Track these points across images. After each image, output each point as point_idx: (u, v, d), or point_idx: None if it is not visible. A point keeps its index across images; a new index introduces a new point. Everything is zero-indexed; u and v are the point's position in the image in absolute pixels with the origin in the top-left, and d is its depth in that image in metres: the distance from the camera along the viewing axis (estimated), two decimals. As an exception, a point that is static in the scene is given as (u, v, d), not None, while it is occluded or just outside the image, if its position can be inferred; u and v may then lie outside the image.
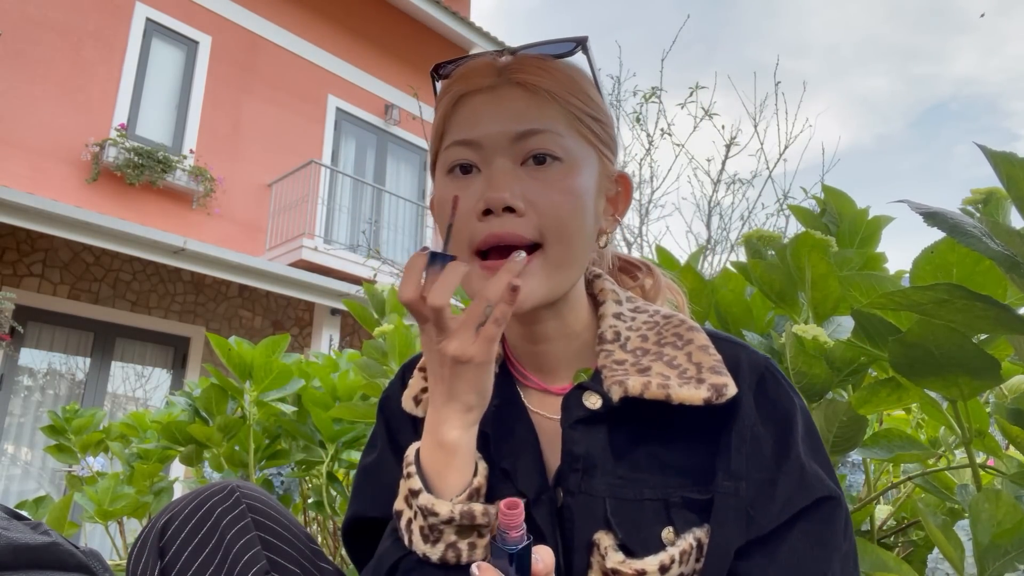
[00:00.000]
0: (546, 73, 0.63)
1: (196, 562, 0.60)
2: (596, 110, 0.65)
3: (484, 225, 0.60)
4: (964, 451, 0.82)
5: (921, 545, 1.06)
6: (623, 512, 0.58)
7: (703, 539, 0.58)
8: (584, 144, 0.64)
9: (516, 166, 0.61)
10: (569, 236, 0.61)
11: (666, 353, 0.62)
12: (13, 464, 5.85)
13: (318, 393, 1.61)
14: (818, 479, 0.58)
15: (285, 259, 6.93)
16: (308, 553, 0.65)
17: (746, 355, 0.63)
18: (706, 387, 0.58)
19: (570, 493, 0.59)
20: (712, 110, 3.97)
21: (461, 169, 0.62)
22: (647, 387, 0.59)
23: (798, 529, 0.57)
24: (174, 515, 0.63)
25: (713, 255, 4.04)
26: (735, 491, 0.58)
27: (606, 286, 0.70)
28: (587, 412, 0.61)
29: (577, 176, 0.62)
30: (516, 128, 0.61)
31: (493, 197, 0.59)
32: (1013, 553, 0.69)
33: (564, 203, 0.60)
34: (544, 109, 0.62)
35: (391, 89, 8.75)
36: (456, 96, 0.64)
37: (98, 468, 2.59)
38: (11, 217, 5.02)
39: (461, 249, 0.61)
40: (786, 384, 0.63)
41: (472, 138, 0.62)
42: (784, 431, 0.60)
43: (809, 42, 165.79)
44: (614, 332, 0.65)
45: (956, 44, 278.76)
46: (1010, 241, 0.59)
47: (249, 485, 0.66)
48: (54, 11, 6.36)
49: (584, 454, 0.60)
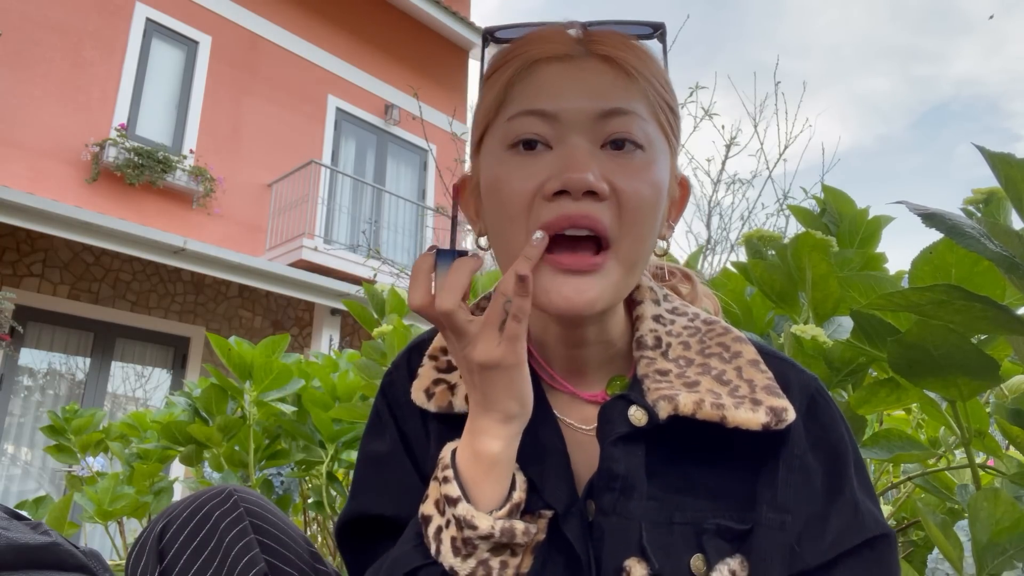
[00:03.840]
0: (632, 51, 0.56)
1: (195, 565, 0.60)
2: (673, 101, 0.59)
3: (555, 206, 0.52)
4: (964, 451, 0.82)
5: (921, 545, 1.06)
6: (658, 539, 0.53)
7: (738, 572, 0.53)
8: (662, 136, 0.57)
9: (595, 148, 0.54)
10: (645, 233, 0.55)
11: (713, 366, 0.57)
12: (13, 464, 5.85)
13: (318, 393, 1.61)
14: (872, 517, 0.54)
15: (285, 259, 6.93)
16: (306, 556, 0.65)
17: (795, 374, 0.58)
18: (764, 410, 0.53)
19: (603, 513, 0.54)
20: (712, 110, 3.97)
21: (525, 144, 0.54)
22: (700, 406, 0.53)
23: (845, 566, 0.53)
24: (172, 518, 0.62)
25: (713, 255, 4.05)
26: (780, 525, 0.53)
27: (643, 283, 0.63)
28: (631, 428, 0.54)
29: (657, 168, 0.55)
30: (601, 106, 0.54)
31: (574, 177, 0.51)
32: (1012, 551, 0.70)
33: (648, 195, 0.54)
34: (630, 89, 0.55)
35: (391, 89, 8.74)
36: (529, 60, 0.56)
37: (98, 468, 2.59)
38: (11, 217, 5.02)
39: (519, 238, 0.54)
40: (835, 409, 0.58)
41: (550, 110, 0.54)
42: (837, 463, 0.56)
43: (811, 42, 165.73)
44: (655, 337, 0.59)
45: (958, 45, 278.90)
46: (1008, 242, 0.60)
47: (246, 489, 0.66)
48: (54, 11, 6.36)
49: (624, 474, 0.54)
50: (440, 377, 0.62)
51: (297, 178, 7.31)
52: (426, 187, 8.86)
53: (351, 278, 6.91)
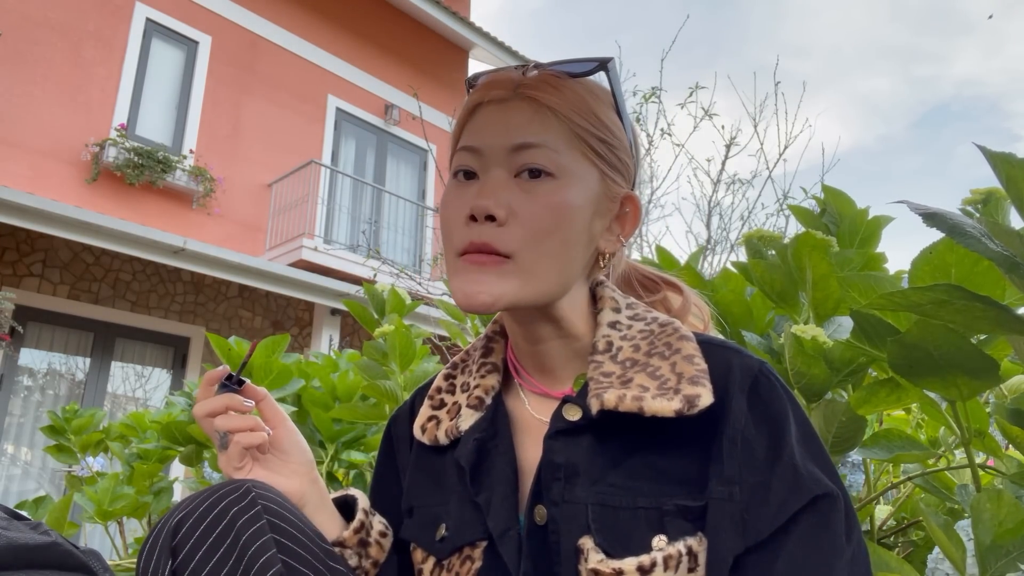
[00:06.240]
0: (555, 90, 0.65)
1: (210, 563, 0.59)
2: (603, 131, 0.67)
3: (468, 231, 0.63)
4: (964, 451, 0.82)
5: (921, 545, 1.06)
6: (607, 518, 0.59)
7: (695, 547, 0.58)
8: (584, 163, 0.65)
9: (510, 177, 0.63)
10: (545, 249, 0.62)
11: (652, 364, 0.64)
12: (13, 464, 5.85)
13: (318, 393, 1.61)
14: (813, 479, 0.57)
15: (285, 259, 6.93)
16: (321, 555, 0.64)
17: (739, 359, 0.63)
18: (680, 398, 0.59)
19: (554, 503, 0.61)
20: (713, 111, 3.98)
21: (464, 175, 0.66)
22: (621, 400, 0.60)
23: (795, 535, 0.56)
24: (188, 513, 0.61)
25: (713, 255, 4.05)
26: (729, 496, 0.58)
27: (605, 293, 0.71)
28: (567, 424, 0.63)
29: (567, 192, 0.63)
30: (513, 141, 0.63)
31: (477, 204, 0.62)
32: (1015, 553, 0.69)
33: (545, 217, 0.62)
34: (546, 125, 0.64)
35: (391, 89, 8.75)
36: (472, 105, 0.68)
37: (98, 468, 2.59)
38: (11, 217, 5.03)
39: (451, 253, 0.64)
40: (780, 387, 0.62)
41: (475, 145, 0.65)
42: (777, 433, 0.60)
43: (812, 43, 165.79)
44: (606, 342, 0.66)
45: (958, 45, 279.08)
46: (1009, 242, 0.60)
47: (264, 484, 0.65)
48: (54, 11, 6.36)
49: (564, 463, 0.61)
50: (433, 414, 0.73)
51: (297, 178, 7.31)
52: (426, 187, 8.86)
53: (351, 278, 6.91)
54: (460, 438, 0.69)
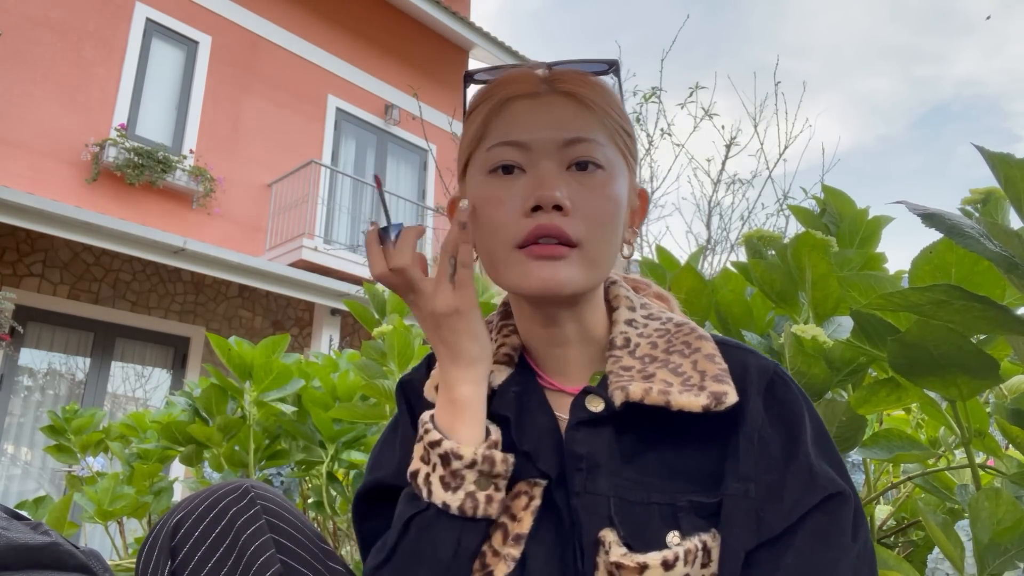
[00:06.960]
0: (589, 87, 0.66)
1: (209, 563, 0.59)
2: (628, 125, 0.69)
3: (531, 220, 0.62)
4: (964, 451, 0.82)
5: (921, 545, 1.06)
6: (626, 512, 0.59)
7: (709, 543, 0.59)
8: (619, 156, 0.67)
9: (562, 170, 0.64)
10: (606, 236, 0.64)
11: (672, 360, 0.64)
12: (13, 464, 5.85)
13: (318, 393, 1.61)
14: (827, 478, 0.59)
15: (285, 259, 6.93)
16: (320, 555, 0.64)
17: (755, 360, 0.65)
18: (706, 395, 0.60)
19: (575, 493, 0.61)
20: (713, 111, 3.98)
21: (503, 169, 0.65)
22: (648, 393, 0.60)
23: (804, 530, 0.57)
24: (187, 514, 0.62)
25: (713, 255, 4.05)
26: (744, 493, 0.59)
27: (620, 292, 0.72)
28: (589, 415, 0.63)
29: (615, 184, 0.65)
30: (564, 135, 0.64)
31: (545, 195, 0.61)
32: (1013, 551, 0.70)
33: (605, 207, 0.64)
34: (589, 120, 0.65)
35: (391, 89, 8.75)
36: (503, 100, 0.67)
37: (98, 468, 2.59)
38: (11, 217, 5.02)
39: (504, 246, 0.63)
40: (795, 387, 0.64)
41: (521, 140, 0.64)
42: (792, 433, 0.61)
43: (812, 43, 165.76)
44: (624, 338, 0.67)
45: (958, 45, 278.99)
46: (1008, 242, 0.60)
47: (262, 485, 0.65)
48: (54, 11, 6.36)
49: (586, 454, 0.61)
50: None
51: (297, 178, 7.31)
52: (426, 187, 8.86)
53: (351, 278, 6.92)
54: (496, 391, 0.67)
